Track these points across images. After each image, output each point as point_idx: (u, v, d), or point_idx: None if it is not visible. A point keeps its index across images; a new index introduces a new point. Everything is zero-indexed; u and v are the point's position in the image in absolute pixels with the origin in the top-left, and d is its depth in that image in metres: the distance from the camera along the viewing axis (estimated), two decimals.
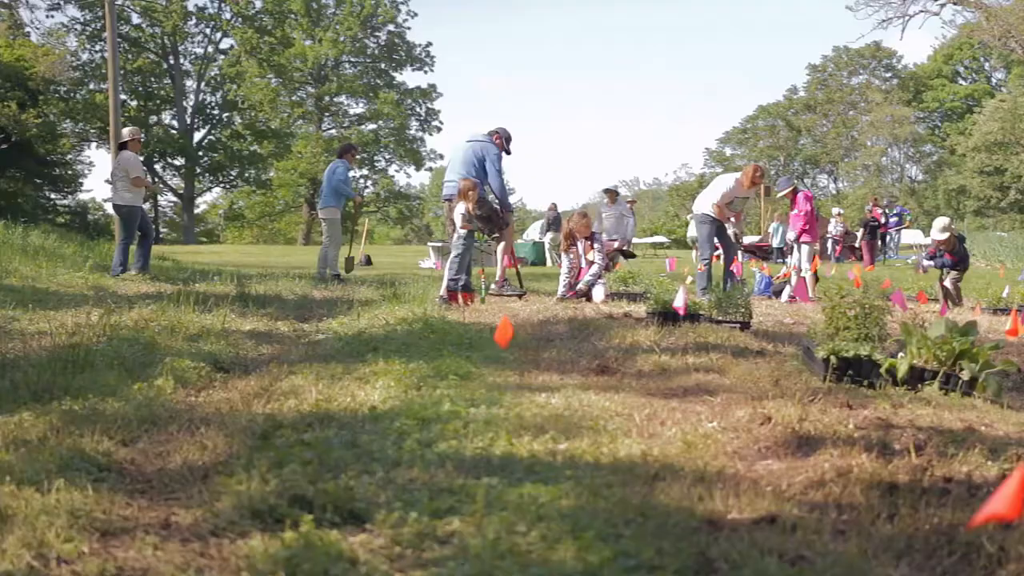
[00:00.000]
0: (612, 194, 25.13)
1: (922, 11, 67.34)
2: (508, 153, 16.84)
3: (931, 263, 18.35)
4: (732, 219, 17.97)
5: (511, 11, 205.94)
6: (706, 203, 17.37)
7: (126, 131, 19.36)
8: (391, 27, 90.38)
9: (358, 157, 20.66)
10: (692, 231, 39.97)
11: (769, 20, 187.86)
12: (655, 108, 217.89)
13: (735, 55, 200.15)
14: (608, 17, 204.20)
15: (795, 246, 18.89)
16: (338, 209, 21.04)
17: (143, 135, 21.96)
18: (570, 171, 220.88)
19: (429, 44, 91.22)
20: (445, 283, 15.09)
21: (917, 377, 7.54)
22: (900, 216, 41.61)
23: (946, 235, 18.38)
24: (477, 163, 15.96)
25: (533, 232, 39.40)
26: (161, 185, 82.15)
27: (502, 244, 16.50)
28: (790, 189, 19.09)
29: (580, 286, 15.84)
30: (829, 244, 38.40)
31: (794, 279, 18.31)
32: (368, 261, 30.85)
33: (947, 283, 18.08)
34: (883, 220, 38.42)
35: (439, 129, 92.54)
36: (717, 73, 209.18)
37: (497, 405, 6.40)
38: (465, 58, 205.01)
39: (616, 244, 23.32)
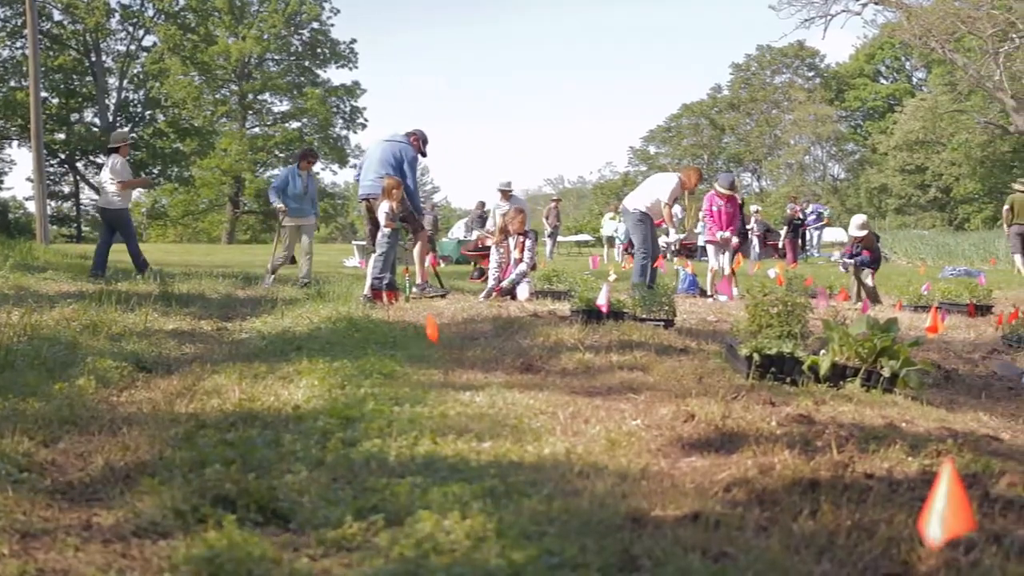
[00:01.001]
0: (505, 192, 24.50)
1: (844, 11, 67.78)
2: (424, 155, 16.89)
3: (851, 261, 18.56)
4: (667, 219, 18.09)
5: (441, 11, 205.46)
6: (640, 201, 17.41)
7: (116, 135, 19.76)
8: (315, 24, 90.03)
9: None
10: (609, 229, 40.15)
11: (693, 19, 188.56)
12: (580, 107, 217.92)
13: (659, 54, 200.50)
14: (534, 17, 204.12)
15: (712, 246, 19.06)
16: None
17: (134, 137, 22.18)
18: (497, 169, 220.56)
19: (353, 41, 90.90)
20: (369, 282, 15.07)
21: (839, 374, 7.62)
22: (818, 214, 41.90)
23: (864, 232, 18.64)
24: (395, 163, 15.90)
25: (458, 231, 39.26)
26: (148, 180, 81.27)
27: (418, 246, 16.45)
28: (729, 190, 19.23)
29: (504, 283, 15.86)
30: (755, 242, 38.63)
31: (714, 276, 18.51)
32: (292, 260, 30.70)
33: (868, 281, 18.28)
34: (802, 218, 38.73)
35: (364, 126, 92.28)
36: (641, 72, 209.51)
37: (421, 404, 6.40)
38: (394, 57, 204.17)
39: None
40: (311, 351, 8.94)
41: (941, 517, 2.90)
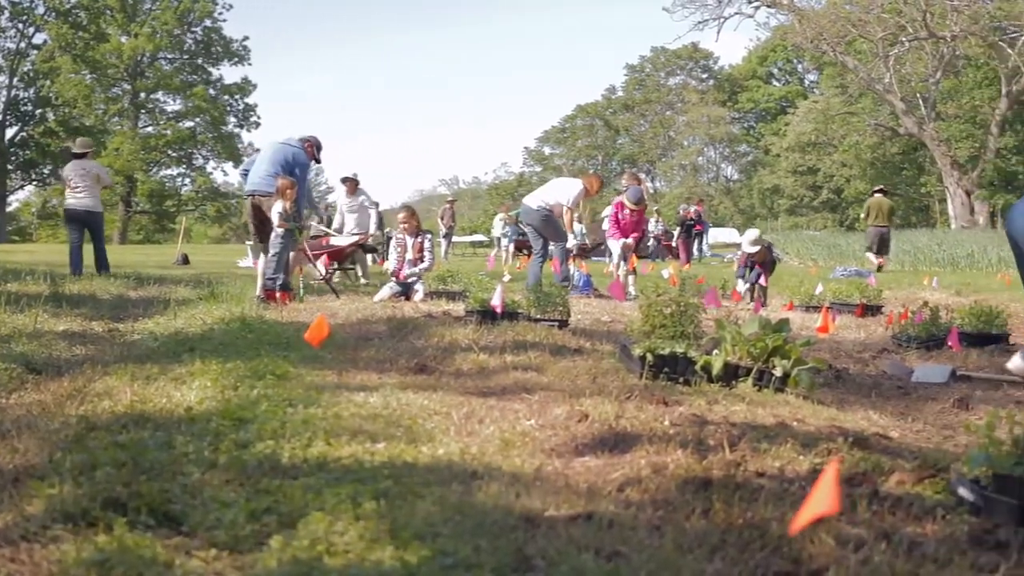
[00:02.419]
0: (352, 183, 23.86)
1: (737, 13, 68.76)
2: (319, 162, 16.88)
3: (745, 285, 18.69)
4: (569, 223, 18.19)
5: (331, 13, 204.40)
6: (545, 199, 17.54)
7: (82, 141, 21.03)
8: (208, 22, 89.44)
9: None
10: (499, 229, 40.27)
11: (588, 20, 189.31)
12: (475, 107, 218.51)
13: (554, 55, 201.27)
14: (427, 17, 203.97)
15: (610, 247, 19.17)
16: None
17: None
18: (393, 170, 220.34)
19: (246, 38, 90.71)
20: (262, 282, 14.99)
21: (731, 374, 7.66)
22: (699, 216, 42.26)
23: (757, 248, 18.78)
24: (286, 165, 15.84)
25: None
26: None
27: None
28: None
29: (407, 280, 15.87)
30: (651, 243, 38.89)
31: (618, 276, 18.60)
32: (185, 260, 30.48)
33: (762, 281, 18.44)
34: (695, 219, 39.13)
35: (258, 125, 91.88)
36: (536, 72, 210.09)
37: (315, 405, 6.36)
38: (289, 59, 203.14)
39: (358, 238, 22.52)
40: (204, 352, 8.85)
41: (818, 497, 2.94)
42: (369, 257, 23.30)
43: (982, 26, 59.92)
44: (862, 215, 34.68)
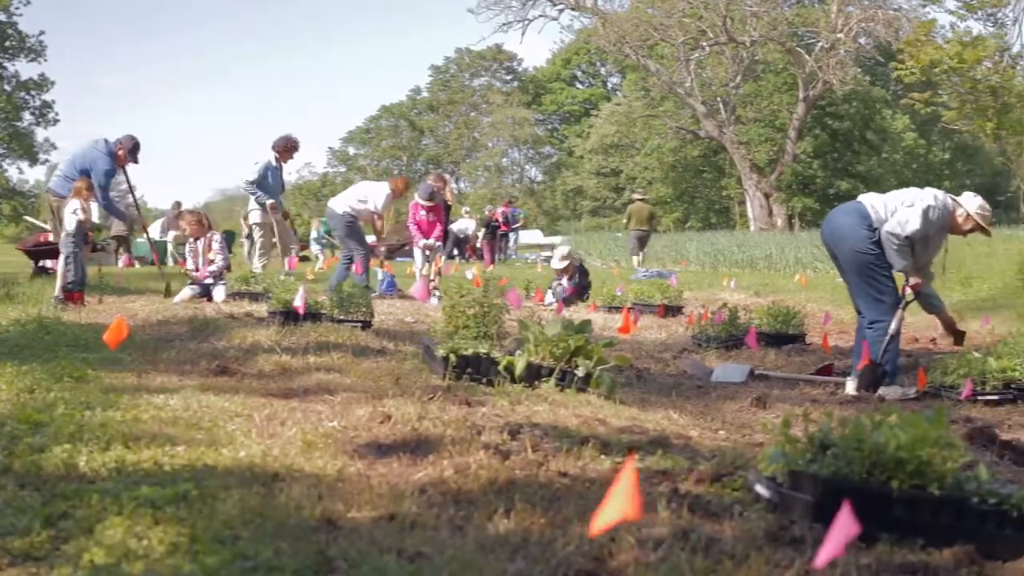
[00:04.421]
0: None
1: (541, 16, 69.18)
2: (136, 162, 16.60)
3: (552, 301, 18.77)
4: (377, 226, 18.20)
5: (125, 9, 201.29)
6: (349, 203, 17.49)
7: None
8: (2, 16, 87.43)
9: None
10: (315, 231, 40.01)
11: (393, 19, 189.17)
12: (278, 106, 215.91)
13: (358, 54, 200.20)
14: (227, 12, 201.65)
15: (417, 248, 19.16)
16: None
17: None
18: (193, 170, 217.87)
19: (42, 33, 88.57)
20: (60, 283, 14.73)
21: (534, 374, 7.71)
22: (506, 216, 42.43)
23: (565, 263, 19.02)
24: (83, 167, 15.67)
25: (154, 231, 38.55)
26: None
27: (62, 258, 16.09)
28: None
29: (199, 290, 15.71)
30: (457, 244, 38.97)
31: (418, 277, 18.59)
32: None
33: (567, 293, 18.65)
34: (502, 220, 39.32)
35: (56, 122, 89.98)
36: (341, 71, 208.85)
37: (114, 408, 6.24)
38: (84, 55, 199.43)
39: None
40: None
41: (616, 500, 2.97)
42: (170, 259, 22.87)
43: (780, 32, 61.22)
44: (624, 220, 36.57)
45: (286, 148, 18.54)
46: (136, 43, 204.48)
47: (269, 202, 17.98)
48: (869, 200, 9.85)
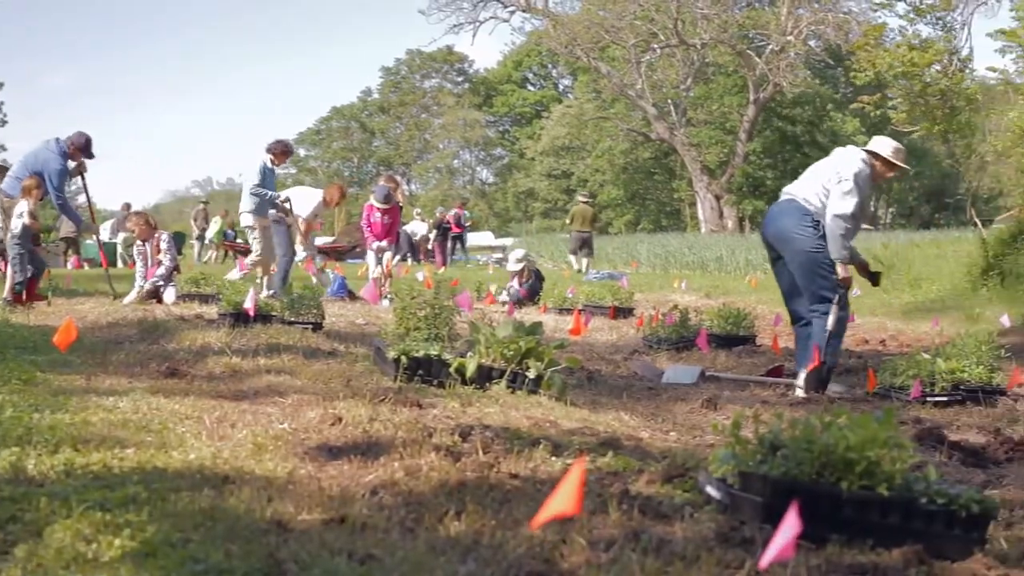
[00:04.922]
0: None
1: (492, 17, 69.16)
2: (91, 157, 16.50)
3: (506, 298, 18.81)
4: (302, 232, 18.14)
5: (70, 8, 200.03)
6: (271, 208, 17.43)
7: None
8: None
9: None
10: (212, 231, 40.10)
11: (343, 21, 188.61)
12: (227, 107, 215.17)
13: (308, 55, 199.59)
14: (182, 13, 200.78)
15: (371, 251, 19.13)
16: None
17: None
18: (143, 170, 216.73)
19: None
20: (9, 284, 14.64)
21: (485, 376, 7.72)
22: (458, 218, 42.41)
23: (520, 266, 19.10)
24: (33, 168, 15.58)
25: (104, 232, 38.34)
26: None
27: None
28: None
29: (147, 286, 15.61)
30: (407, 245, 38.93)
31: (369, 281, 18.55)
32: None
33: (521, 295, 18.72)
34: (453, 222, 39.37)
35: (3, 123, 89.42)
36: (290, 73, 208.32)
37: (62, 411, 6.20)
38: (31, 55, 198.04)
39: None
40: None
41: (559, 496, 2.97)
42: (119, 260, 22.75)
43: (731, 34, 61.61)
44: (567, 221, 37.76)
45: (283, 152, 18.46)
46: (81, 39, 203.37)
47: (282, 197, 17.83)
48: (799, 193, 9.89)
